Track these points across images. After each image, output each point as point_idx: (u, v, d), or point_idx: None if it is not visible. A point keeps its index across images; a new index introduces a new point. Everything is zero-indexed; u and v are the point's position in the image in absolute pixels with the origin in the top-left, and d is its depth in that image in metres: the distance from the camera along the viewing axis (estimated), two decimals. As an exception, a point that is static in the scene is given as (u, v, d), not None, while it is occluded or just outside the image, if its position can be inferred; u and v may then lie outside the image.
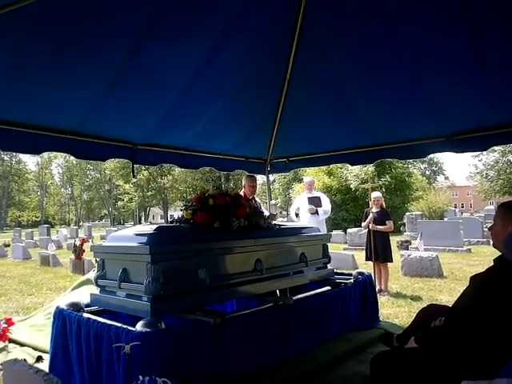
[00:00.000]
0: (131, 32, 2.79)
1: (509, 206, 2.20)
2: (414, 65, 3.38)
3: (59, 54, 2.72)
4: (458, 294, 2.28)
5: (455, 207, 35.94)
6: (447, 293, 6.47)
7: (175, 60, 3.26)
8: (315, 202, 6.40)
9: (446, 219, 18.96)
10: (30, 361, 3.56)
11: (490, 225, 2.29)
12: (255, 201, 3.53)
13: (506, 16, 2.66)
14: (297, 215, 6.45)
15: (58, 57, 2.74)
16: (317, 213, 6.31)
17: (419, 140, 4.35)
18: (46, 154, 57.14)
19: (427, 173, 54.76)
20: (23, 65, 2.70)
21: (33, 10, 2.23)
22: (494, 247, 2.24)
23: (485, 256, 10.49)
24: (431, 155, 5.26)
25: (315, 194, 6.72)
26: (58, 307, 3.06)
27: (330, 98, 4.13)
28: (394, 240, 9.86)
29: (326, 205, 6.50)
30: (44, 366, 3.24)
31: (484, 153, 33.61)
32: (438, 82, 3.49)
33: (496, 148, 31.55)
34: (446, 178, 60.30)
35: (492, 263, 2.14)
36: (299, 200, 6.75)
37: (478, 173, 38.13)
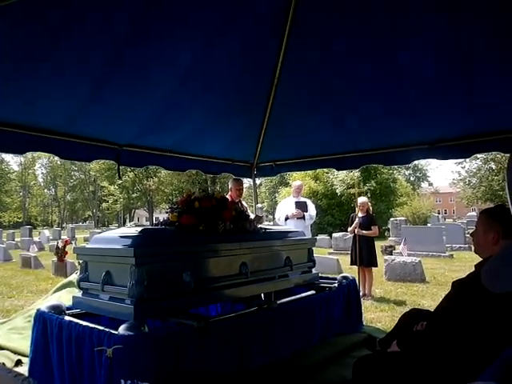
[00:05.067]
0: (117, 33, 2.77)
1: (490, 212, 2.25)
2: (398, 73, 3.44)
3: (45, 54, 2.68)
4: (440, 299, 2.31)
5: (438, 213, 36.48)
6: (429, 297, 6.55)
7: (162, 61, 3.24)
8: (302, 206, 6.41)
9: (429, 225, 19.25)
10: (9, 364, 3.49)
11: (472, 231, 2.34)
12: (242, 204, 3.53)
13: (493, 24, 2.73)
14: (286, 219, 6.43)
15: (44, 57, 2.70)
16: (303, 218, 6.33)
17: (404, 147, 4.42)
18: (29, 154, 56.18)
19: (412, 179, 55.31)
20: (7, 64, 2.66)
21: (18, 9, 2.20)
22: (476, 253, 2.28)
23: (466, 261, 10.67)
24: (415, 162, 5.34)
25: (301, 198, 6.74)
26: (38, 310, 3.00)
27: (317, 104, 4.17)
28: (379, 245, 9.96)
29: (312, 210, 6.53)
30: (23, 369, 3.18)
31: (467, 160, 34.19)
32: (421, 89, 3.55)
33: (478, 156, 32.13)
34: (430, 185, 60.98)
35: (473, 269, 2.18)
36: (286, 204, 6.73)
37: (460, 180, 38.72)
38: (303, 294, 3.82)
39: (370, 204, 6.80)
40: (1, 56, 2.58)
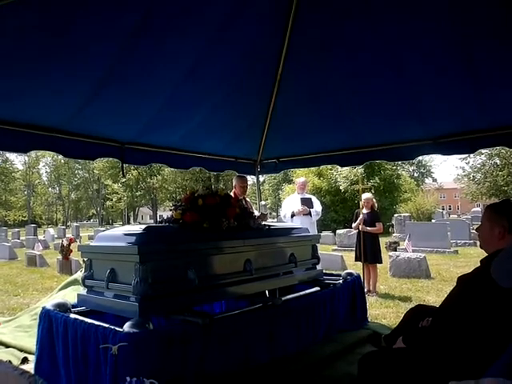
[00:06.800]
0: (121, 32, 2.77)
1: (495, 208, 2.23)
2: (402, 68, 3.41)
3: (48, 51, 2.68)
4: (445, 295, 2.30)
5: (443, 209, 36.29)
6: (434, 293, 6.53)
7: (165, 60, 3.24)
8: (307, 202, 6.39)
9: (433, 221, 19.18)
10: (16, 362, 3.51)
11: (478, 226, 2.32)
12: (246, 201, 3.52)
13: (494, 21, 2.70)
14: (292, 216, 6.38)
15: (47, 54, 2.70)
16: (309, 214, 6.32)
17: (407, 142, 4.40)
18: (33, 153, 56.44)
19: (415, 175, 55.07)
20: (10, 61, 2.66)
21: (22, 6, 2.20)
22: (482, 248, 2.27)
23: (471, 257, 10.63)
24: (419, 157, 5.32)
25: (306, 195, 6.72)
26: (44, 308, 3.01)
27: (320, 100, 4.15)
28: (383, 241, 9.94)
29: (318, 206, 6.51)
30: (29, 367, 3.20)
31: (471, 155, 33.97)
32: (425, 85, 3.53)
33: (483, 151, 31.91)
34: (434, 180, 60.61)
35: (479, 264, 2.17)
36: (291, 200, 6.71)
37: (465, 175, 38.45)
38: (308, 291, 3.82)
39: (374, 200, 6.77)
40: (3, 55, 2.58)
